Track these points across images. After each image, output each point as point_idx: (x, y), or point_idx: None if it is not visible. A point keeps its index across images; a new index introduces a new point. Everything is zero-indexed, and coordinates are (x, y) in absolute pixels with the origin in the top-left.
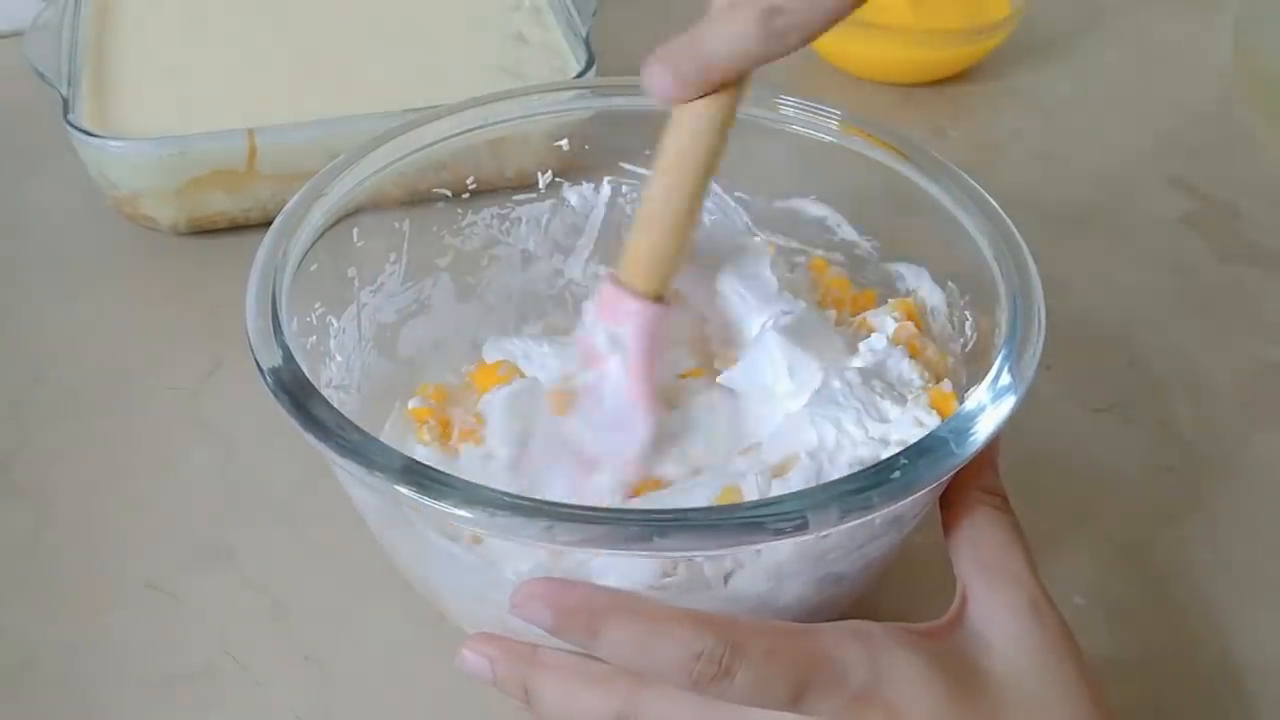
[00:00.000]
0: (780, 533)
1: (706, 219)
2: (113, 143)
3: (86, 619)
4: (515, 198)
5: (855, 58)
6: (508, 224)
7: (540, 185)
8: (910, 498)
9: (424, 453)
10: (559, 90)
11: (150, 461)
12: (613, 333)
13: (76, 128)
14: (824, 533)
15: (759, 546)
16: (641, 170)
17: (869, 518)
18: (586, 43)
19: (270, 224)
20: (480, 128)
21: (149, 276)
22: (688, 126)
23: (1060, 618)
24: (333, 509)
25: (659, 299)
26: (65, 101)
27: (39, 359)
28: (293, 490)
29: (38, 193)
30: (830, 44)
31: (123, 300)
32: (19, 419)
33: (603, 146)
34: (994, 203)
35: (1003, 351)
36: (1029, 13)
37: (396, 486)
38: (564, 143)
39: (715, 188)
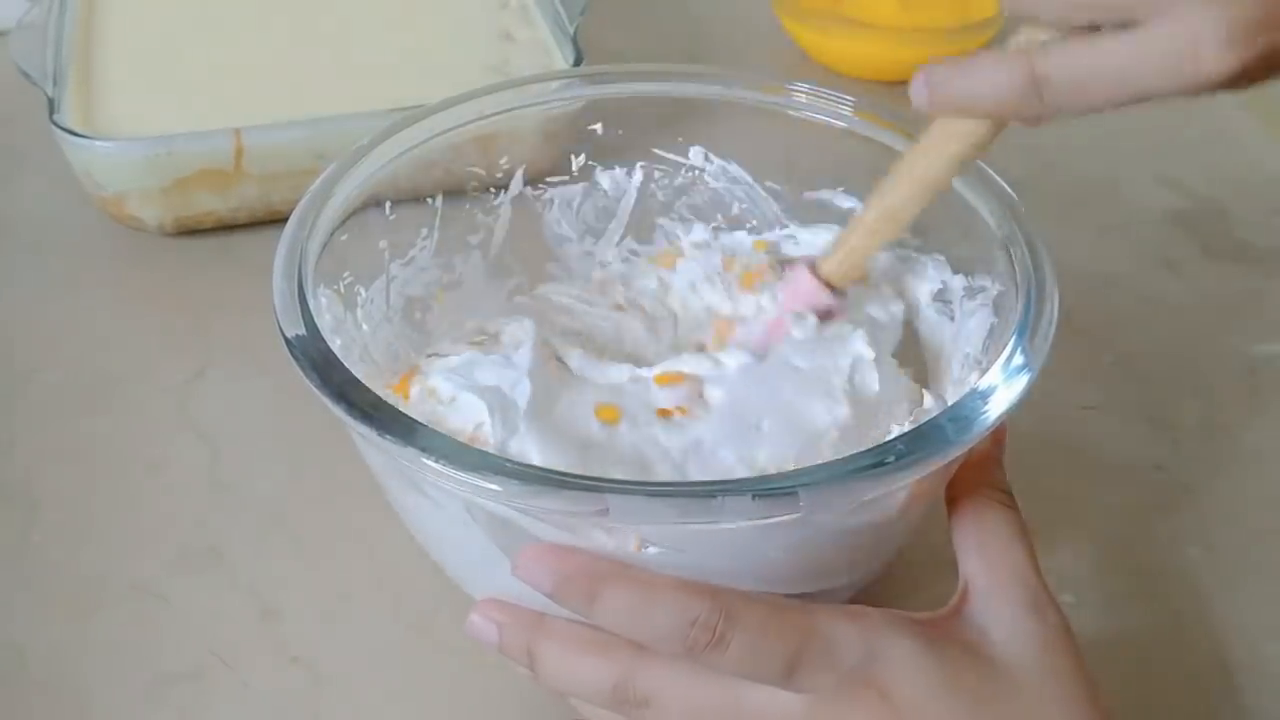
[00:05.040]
0: (768, 504)
1: (736, 207)
2: (99, 143)
3: (75, 621)
4: (548, 179)
5: (843, 55)
6: (540, 205)
7: (573, 168)
8: (903, 481)
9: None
10: (596, 74)
11: (138, 463)
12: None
13: (62, 128)
14: (812, 510)
15: (749, 522)
16: (673, 156)
17: (861, 498)
18: (574, 41)
19: (258, 223)
20: (518, 108)
21: (136, 277)
22: (934, 150)
23: (1062, 616)
24: (321, 510)
25: (840, 291)
26: (51, 102)
27: (25, 361)
28: (280, 492)
29: (23, 194)
30: (818, 41)
31: (109, 301)
32: (6, 421)
33: (637, 131)
34: (1006, 186)
35: (1016, 333)
36: None
37: (422, 457)
38: (598, 126)
39: (747, 178)
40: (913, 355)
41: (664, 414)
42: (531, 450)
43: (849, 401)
